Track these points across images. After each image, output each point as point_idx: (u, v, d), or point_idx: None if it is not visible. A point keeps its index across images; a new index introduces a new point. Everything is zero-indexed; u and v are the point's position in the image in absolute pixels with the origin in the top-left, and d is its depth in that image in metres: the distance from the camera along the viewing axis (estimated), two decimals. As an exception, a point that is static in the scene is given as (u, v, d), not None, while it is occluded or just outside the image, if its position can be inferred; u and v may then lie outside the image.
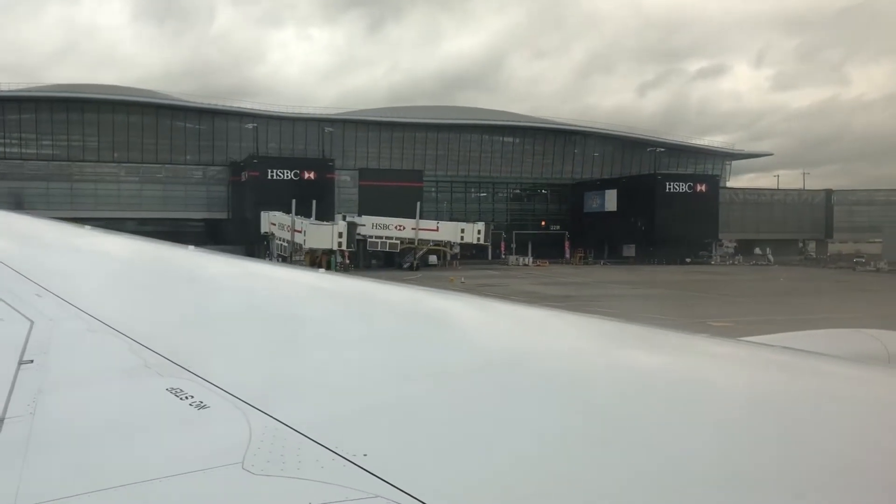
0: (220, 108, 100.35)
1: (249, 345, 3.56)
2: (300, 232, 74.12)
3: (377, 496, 1.65)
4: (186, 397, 2.47)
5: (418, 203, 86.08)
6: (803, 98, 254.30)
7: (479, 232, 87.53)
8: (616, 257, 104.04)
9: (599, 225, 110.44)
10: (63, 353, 3.39)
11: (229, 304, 4.87)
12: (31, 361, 3.15)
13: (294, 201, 74.63)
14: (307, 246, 73.15)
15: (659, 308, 41.55)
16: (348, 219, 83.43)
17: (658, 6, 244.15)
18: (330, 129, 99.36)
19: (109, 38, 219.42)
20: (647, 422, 2.22)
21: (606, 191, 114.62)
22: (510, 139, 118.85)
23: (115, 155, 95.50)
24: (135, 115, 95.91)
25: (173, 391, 2.54)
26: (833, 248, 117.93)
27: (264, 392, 2.52)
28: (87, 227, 9.59)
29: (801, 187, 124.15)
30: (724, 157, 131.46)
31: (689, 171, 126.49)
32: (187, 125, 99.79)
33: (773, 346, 3.77)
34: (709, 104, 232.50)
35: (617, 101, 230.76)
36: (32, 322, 3.91)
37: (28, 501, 1.78)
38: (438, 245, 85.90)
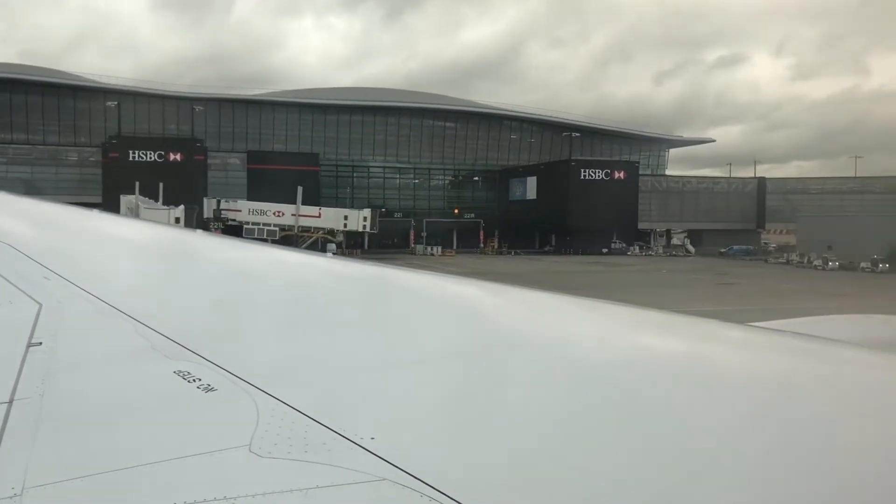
0: (96, 85, 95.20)
1: (257, 328, 3.54)
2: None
3: (384, 479, 1.66)
4: (194, 380, 2.46)
5: (299, 188, 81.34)
6: (823, 88, 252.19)
7: (364, 219, 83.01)
8: (536, 247, 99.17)
9: (522, 213, 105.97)
10: (71, 335, 3.39)
11: (237, 288, 4.79)
12: (40, 344, 3.15)
13: (162, 185, 70.15)
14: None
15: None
16: (223, 203, 79.21)
17: None
18: (200, 107, 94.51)
19: (126, 25, 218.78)
20: (658, 406, 2.21)
21: (528, 178, 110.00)
22: (441, 123, 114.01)
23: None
24: (3, 93, 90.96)
25: (181, 374, 2.53)
26: (775, 238, 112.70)
27: (272, 375, 2.50)
28: (95, 210, 9.56)
29: (753, 176, 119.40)
30: (666, 143, 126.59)
31: (634, 158, 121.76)
32: (61, 103, 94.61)
33: (786, 331, 3.80)
34: (727, 94, 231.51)
35: (633, 90, 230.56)
36: (41, 304, 3.86)
37: (37, 482, 1.79)
38: (330, 234, 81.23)
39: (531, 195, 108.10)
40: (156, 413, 2.30)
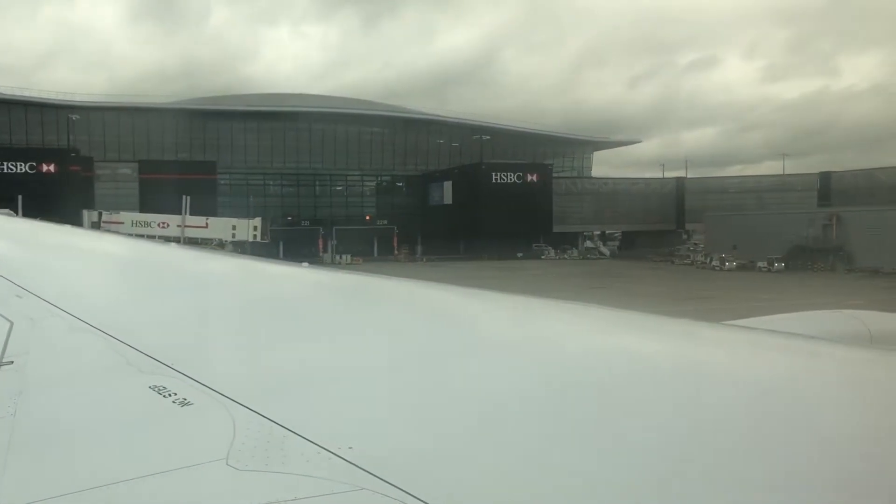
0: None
1: (233, 341, 3.51)
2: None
3: (362, 488, 1.65)
4: (170, 394, 2.44)
5: (184, 198, 78.09)
6: (794, 89, 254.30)
7: (255, 228, 79.99)
8: (460, 252, 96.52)
9: (440, 218, 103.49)
10: (44, 353, 3.37)
11: (211, 300, 4.74)
12: (11, 363, 3.13)
13: (21, 197, 65.88)
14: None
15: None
16: (105, 216, 75.93)
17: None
18: (76, 116, 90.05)
19: (99, 39, 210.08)
20: (638, 407, 2.22)
21: (444, 182, 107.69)
22: (366, 129, 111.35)
23: None
24: None
25: (156, 389, 2.51)
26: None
27: (248, 388, 2.50)
28: (68, 226, 9.50)
29: (683, 175, 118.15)
30: (591, 146, 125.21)
31: (556, 161, 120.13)
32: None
33: (763, 329, 3.82)
34: (700, 96, 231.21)
35: (607, 94, 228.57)
36: (12, 323, 3.85)
37: (10, 502, 1.78)
38: (220, 244, 77.94)
39: (448, 200, 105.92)
40: (131, 429, 2.26)
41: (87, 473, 1.88)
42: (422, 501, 1.59)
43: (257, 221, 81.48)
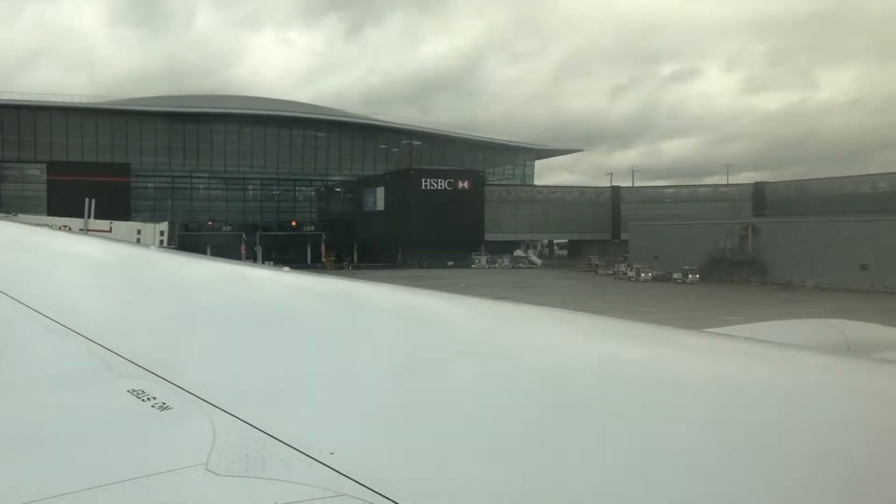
0: None
1: (213, 345, 3.50)
2: None
3: (343, 494, 1.64)
4: (148, 399, 2.40)
5: (87, 201, 74.82)
6: (773, 101, 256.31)
7: (161, 233, 76.59)
8: (387, 260, 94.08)
9: (374, 225, 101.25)
10: (18, 356, 3.35)
11: (191, 304, 4.75)
12: None
13: None
14: None
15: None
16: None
17: (633, 10, 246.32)
18: None
19: (82, 41, 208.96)
20: (617, 413, 2.23)
21: (377, 188, 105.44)
22: (297, 132, 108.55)
23: None
24: None
25: (135, 393, 2.47)
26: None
27: (228, 392, 2.47)
28: (44, 226, 10.03)
29: (631, 184, 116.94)
30: (533, 153, 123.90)
31: (498, 170, 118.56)
32: None
33: (740, 337, 3.90)
34: (681, 107, 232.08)
35: (589, 104, 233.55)
36: None
37: None
38: None
39: (381, 206, 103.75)
40: (109, 433, 2.23)
41: (63, 479, 1.84)
42: None
43: (164, 226, 78.28)
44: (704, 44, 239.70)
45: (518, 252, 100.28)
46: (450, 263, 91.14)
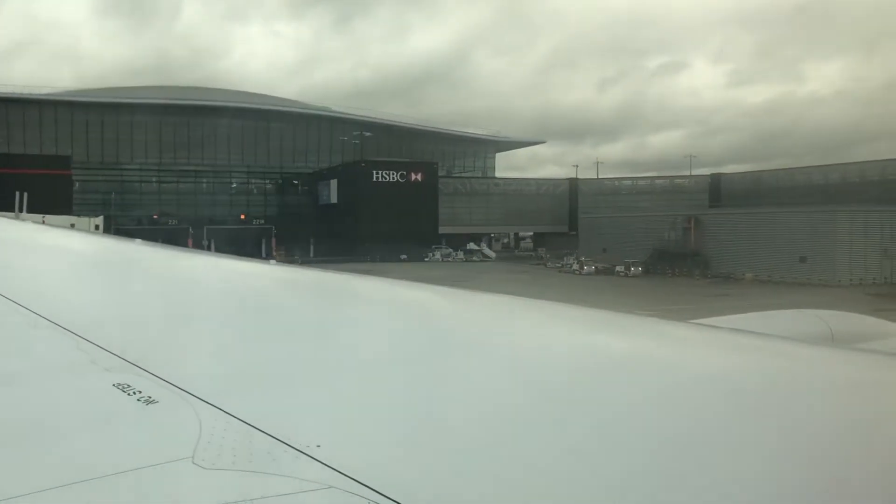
0: None
1: (199, 338, 3.51)
2: None
3: (330, 487, 1.64)
4: (134, 392, 2.40)
5: (18, 194, 72.44)
6: (759, 94, 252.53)
7: (96, 227, 74.61)
8: (342, 254, 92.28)
9: (329, 218, 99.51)
10: (2, 350, 3.35)
11: (177, 297, 4.75)
12: None
13: None
14: None
15: None
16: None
17: (620, 3, 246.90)
18: None
19: (67, 33, 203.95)
20: (608, 405, 2.27)
21: (331, 181, 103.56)
22: (249, 124, 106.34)
23: None
24: None
25: (120, 387, 2.47)
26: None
27: (215, 385, 2.50)
28: (28, 220, 9.89)
29: (595, 176, 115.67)
30: (493, 145, 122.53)
31: (458, 162, 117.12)
32: None
33: (728, 328, 3.92)
34: (667, 100, 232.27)
35: (577, 97, 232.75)
36: None
37: None
38: None
39: (334, 199, 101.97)
40: (94, 427, 2.22)
41: (48, 473, 1.82)
42: (392, 500, 1.58)
43: (99, 220, 76.58)
44: (691, 36, 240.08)
45: (471, 245, 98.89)
46: (403, 257, 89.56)
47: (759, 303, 42.02)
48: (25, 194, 72.67)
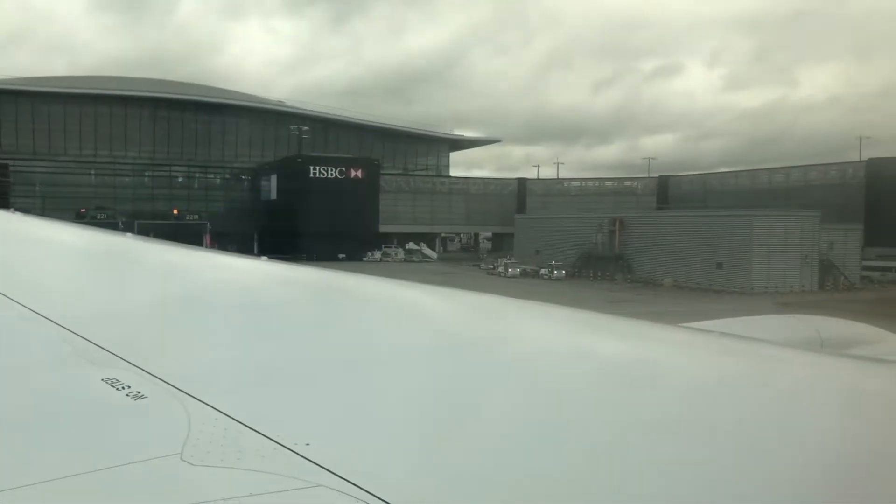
0: None
1: (189, 333, 3.50)
2: None
3: (319, 485, 1.64)
4: (123, 387, 2.40)
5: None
6: (753, 98, 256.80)
7: (6, 221, 71.39)
8: (278, 252, 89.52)
9: (269, 214, 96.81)
10: None
11: (168, 293, 4.70)
12: None
13: None
14: None
15: None
16: None
17: (616, 6, 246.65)
18: None
19: (63, 26, 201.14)
20: (601, 406, 2.29)
21: (272, 176, 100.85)
22: (189, 116, 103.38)
23: None
24: None
25: (109, 381, 2.46)
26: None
27: (204, 381, 2.49)
28: (17, 213, 9.28)
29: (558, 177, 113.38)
30: (447, 144, 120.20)
31: (411, 160, 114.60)
32: None
33: (716, 332, 3.99)
34: (662, 103, 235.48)
35: (572, 98, 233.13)
36: None
37: None
38: None
39: (274, 195, 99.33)
40: (82, 422, 2.21)
41: (36, 467, 1.82)
42: (379, 498, 1.58)
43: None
44: (687, 40, 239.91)
45: (411, 244, 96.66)
46: (341, 256, 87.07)
47: (677, 311, 40.11)
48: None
